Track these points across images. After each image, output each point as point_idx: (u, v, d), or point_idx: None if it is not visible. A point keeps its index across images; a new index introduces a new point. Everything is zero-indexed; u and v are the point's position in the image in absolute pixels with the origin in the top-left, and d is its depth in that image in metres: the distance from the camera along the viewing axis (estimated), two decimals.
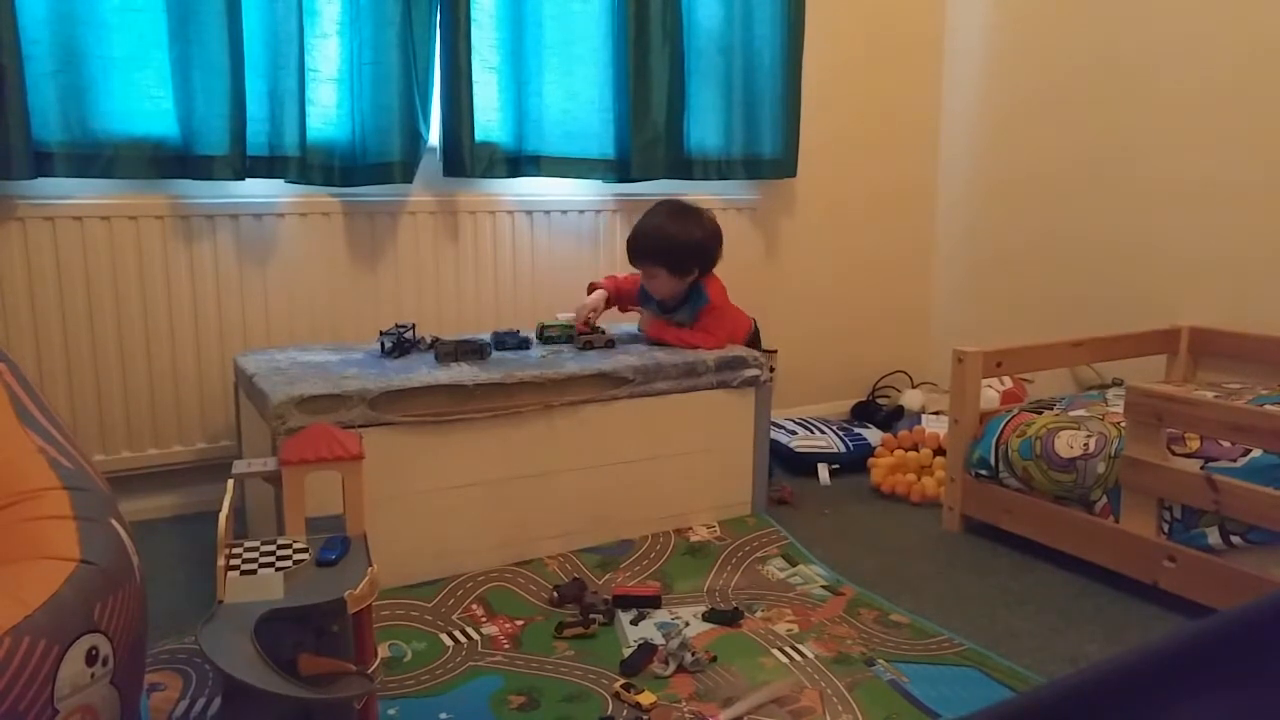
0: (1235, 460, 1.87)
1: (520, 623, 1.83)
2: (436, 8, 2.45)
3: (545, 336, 2.35)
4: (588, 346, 2.28)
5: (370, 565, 1.30)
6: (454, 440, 1.98)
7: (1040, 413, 2.27)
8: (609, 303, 2.47)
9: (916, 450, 2.68)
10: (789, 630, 1.81)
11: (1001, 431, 2.25)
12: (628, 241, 2.40)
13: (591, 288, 2.49)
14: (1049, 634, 1.83)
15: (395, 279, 2.56)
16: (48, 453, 1.28)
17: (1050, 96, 3.02)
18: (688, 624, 1.82)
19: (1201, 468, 1.88)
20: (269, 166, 2.33)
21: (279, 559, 1.31)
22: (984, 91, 3.25)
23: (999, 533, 2.27)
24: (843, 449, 2.82)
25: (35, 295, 2.18)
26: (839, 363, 3.33)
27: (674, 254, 2.32)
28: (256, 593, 1.22)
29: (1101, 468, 2.03)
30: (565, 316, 2.43)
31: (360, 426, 1.86)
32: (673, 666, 1.65)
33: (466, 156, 2.50)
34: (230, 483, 1.39)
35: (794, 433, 2.89)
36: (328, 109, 2.41)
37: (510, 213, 2.68)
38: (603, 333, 2.33)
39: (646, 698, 1.55)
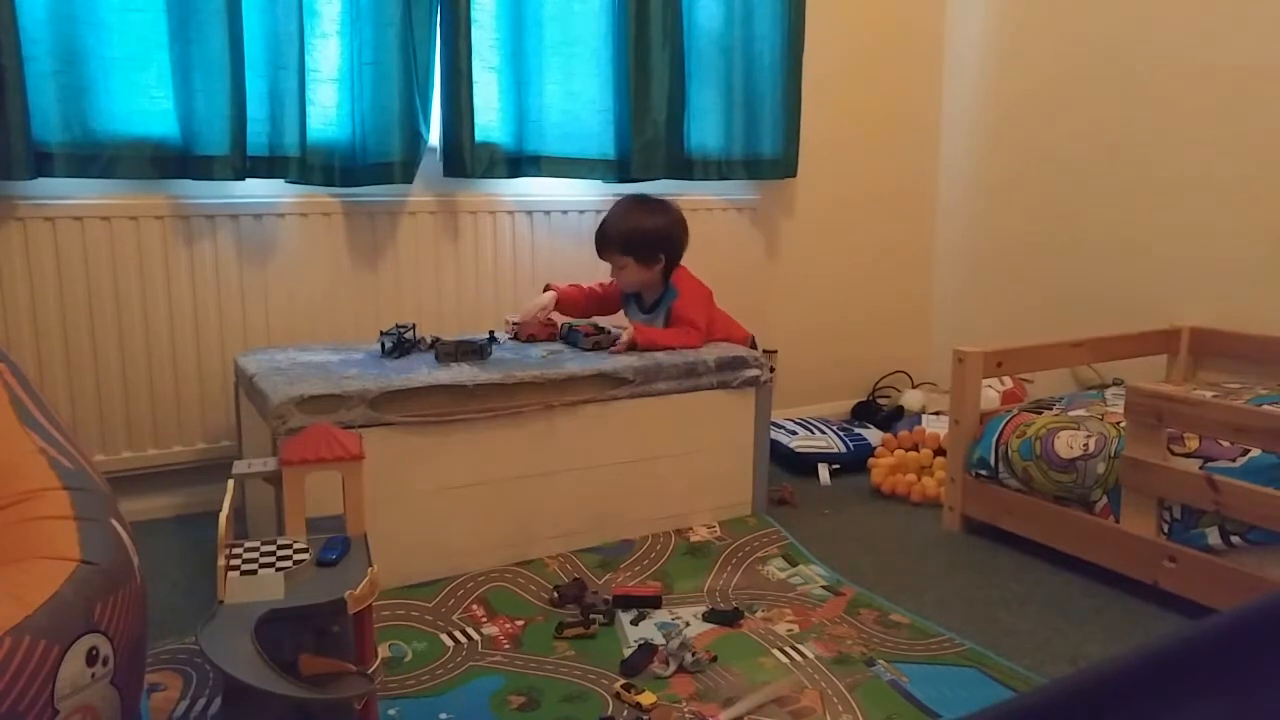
0: (1234, 460, 1.87)
1: (520, 623, 1.83)
2: (436, 8, 2.45)
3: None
4: (596, 347, 2.28)
5: (370, 565, 1.30)
6: (454, 440, 1.98)
7: (1040, 413, 2.27)
8: (557, 304, 2.44)
9: (917, 450, 2.67)
10: (789, 630, 1.81)
11: (1001, 431, 2.25)
12: (595, 235, 2.43)
13: (547, 289, 2.47)
14: (1049, 634, 1.83)
15: (395, 279, 2.56)
16: (48, 453, 1.28)
17: (1050, 96, 3.02)
18: (688, 624, 1.82)
19: (1201, 468, 1.88)
20: (269, 166, 2.33)
21: (279, 559, 1.31)
22: (984, 91, 3.25)
23: (999, 533, 2.27)
24: (843, 449, 2.82)
25: (35, 295, 2.18)
26: (839, 363, 3.33)
27: (638, 241, 2.37)
28: (257, 593, 1.22)
29: (1101, 468, 2.04)
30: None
31: (360, 426, 1.86)
32: (673, 667, 1.65)
33: (467, 157, 2.50)
34: (230, 483, 1.39)
35: (794, 433, 2.89)
36: (328, 109, 2.41)
37: (510, 213, 2.68)
38: (608, 333, 2.33)
39: (647, 698, 1.55)
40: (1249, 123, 2.53)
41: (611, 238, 2.39)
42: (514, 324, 2.42)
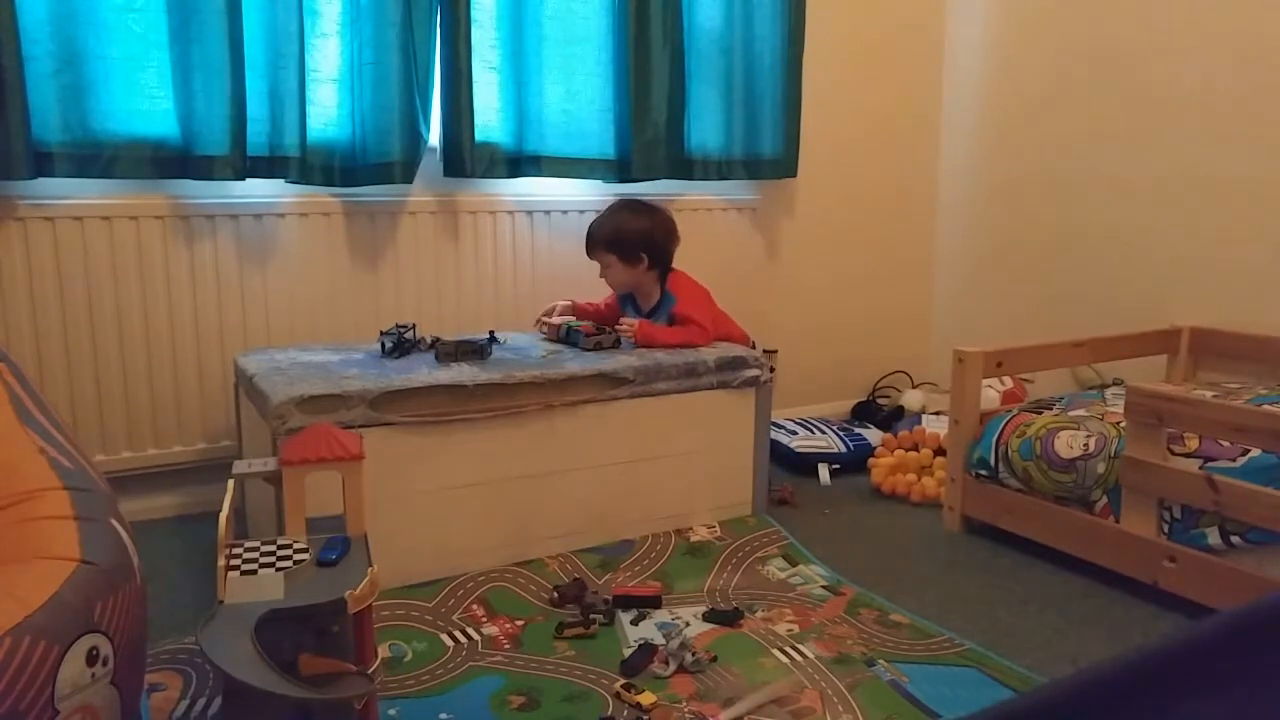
0: (1234, 460, 1.87)
1: (520, 623, 1.83)
2: (437, 8, 2.45)
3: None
4: (597, 347, 2.28)
5: (370, 565, 1.30)
6: (454, 440, 1.98)
7: (1040, 413, 2.27)
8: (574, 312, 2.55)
9: (917, 450, 2.67)
10: (789, 630, 1.81)
11: (1001, 431, 2.25)
12: (586, 236, 2.49)
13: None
14: (1049, 634, 1.83)
15: (395, 279, 2.56)
16: (48, 453, 1.28)
17: (1051, 95, 3.02)
18: (688, 624, 1.82)
19: (1201, 468, 1.88)
20: (269, 166, 2.33)
21: (279, 559, 1.31)
22: (985, 90, 3.25)
23: (999, 533, 2.27)
24: (843, 449, 2.82)
25: (35, 295, 2.18)
26: (839, 363, 3.33)
27: (622, 241, 2.44)
28: (257, 593, 1.22)
29: (1101, 468, 2.03)
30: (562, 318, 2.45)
31: (361, 426, 1.86)
32: (673, 667, 1.65)
33: (467, 156, 2.50)
34: (230, 483, 1.39)
35: (794, 433, 2.89)
36: (328, 109, 2.41)
37: (510, 213, 2.68)
38: (609, 333, 2.33)
39: (647, 698, 1.55)
40: (1249, 123, 2.53)
41: (596, 236, 2.47)
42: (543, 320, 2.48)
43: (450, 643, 1.75)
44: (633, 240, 2.43)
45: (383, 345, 2.21)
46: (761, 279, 3.11)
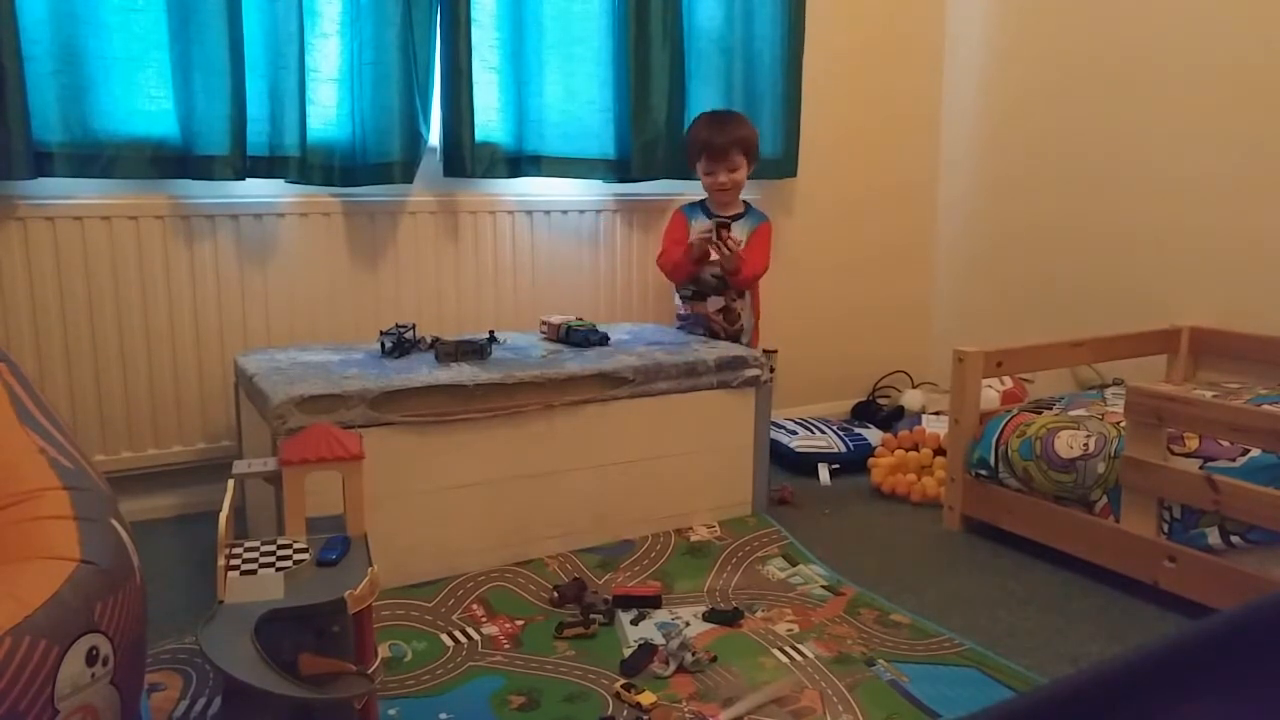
0: (1234, 460, 1.87)
1: (520, 623, 1.83)
2: (437, 8, 2.45)
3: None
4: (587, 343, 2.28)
5: (370, 565, 1.30)
6: (454, 440, 1.98)
7: (1040, 413, 2.27)
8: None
9: (917, 450, 2.67)
10: (789, 630, 1.81)
11: (1001, 431, 2.25)
12: (708, 143, 2.58)
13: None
14: (1049, 634, 1.83)
15: (395, 279, 2.56)
16: (48, 453, 1.28)
17: (1052, 95, 3.02)
18: (688, 624, 1.82)
19: (1201, 468, 1.88)
20: (269, 166, 2.33)
21: (279, 559, 1.31)
22: (985, 90, 3.25)
23: (999, 533, 2.27)
24: (843, 449, 2.82)
25: (35, 295, 2.18)
26: (839, 363, 3.32)
27: (753, 146, 2.64)
28: (257, 593, 1.22)
29: (1101, 468, 2.03)
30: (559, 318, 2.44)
31: (360, 426, 1.86)
32: (673, 666, 1.65)
33: (467, 156, 2.50)
34: (230, 483, 1.39)
35: (794, 433, 2.89)
36: (328, 109, 2.41)
37: (510, 213, 2.68)
38: (605, 335, 2.33)
39: (647, 698, 1.55)
40: (1251, 122, 2.53)
41: (732, 140, 2.58)
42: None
43: (450, 643, 1.75)
44: (757, 147, 2.65)
45: (383, 345, 2.21)
46: (762, 278, 3.11)
